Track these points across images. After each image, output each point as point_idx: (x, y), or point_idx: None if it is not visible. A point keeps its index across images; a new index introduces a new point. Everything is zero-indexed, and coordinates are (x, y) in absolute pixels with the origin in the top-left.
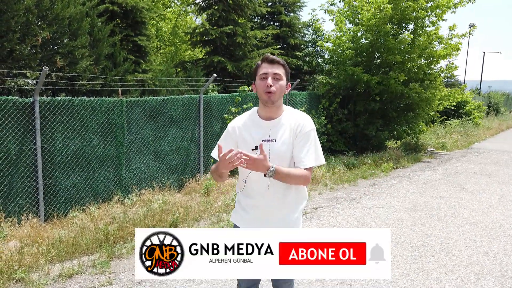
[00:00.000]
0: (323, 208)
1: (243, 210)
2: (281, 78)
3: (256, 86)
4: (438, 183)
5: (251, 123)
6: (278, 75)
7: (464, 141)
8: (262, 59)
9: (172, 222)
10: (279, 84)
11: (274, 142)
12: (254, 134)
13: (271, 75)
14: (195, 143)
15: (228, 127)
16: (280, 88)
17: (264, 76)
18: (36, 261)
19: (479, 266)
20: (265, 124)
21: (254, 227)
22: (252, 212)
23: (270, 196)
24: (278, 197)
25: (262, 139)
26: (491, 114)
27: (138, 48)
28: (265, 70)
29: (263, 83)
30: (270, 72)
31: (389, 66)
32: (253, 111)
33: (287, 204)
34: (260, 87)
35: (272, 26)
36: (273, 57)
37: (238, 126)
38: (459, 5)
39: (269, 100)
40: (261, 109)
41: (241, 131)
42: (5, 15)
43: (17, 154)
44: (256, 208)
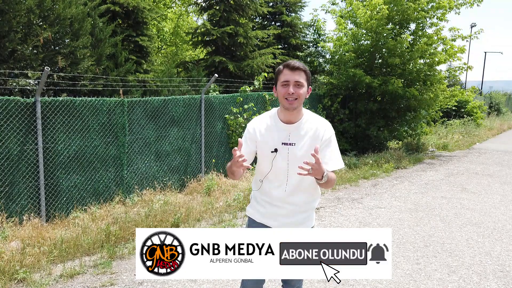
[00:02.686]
0: (325, 209)
1: (259, 204)
2: (302, 85)
3: (277, 91)
4: (440, 183)
5: (271, 125)
6: (300, 82)
7: (465, 141)
8: (284, 64)
9: (174, 222)
10: (301, 91)
11: (293, 146)
12: (274, 136)
13: (293, 83)
14: (196, 144)
15: (249, 128)
16: (301, 95)
17: (285, 83)
18: (38, 261)
19: (482, 266)
20: (285, 127)
21: (269, 221)
22: (268, 208)
23: (288, 199)
24: (295, 200)
25: (281, 142)
26: (492, 114)
27: (140, 48)
28: (287, 77)
29: (285, 90)
30: (292, 80)
31: (390, 67)
32: (273, 113)
33: (304, 207)
34: (281, 93)
35: (273, 26)
36: (295, 64)
37: (259, 128)
38: (462, 5)
39: (291, 107)
40: (281, 112)
41: (261, 133)
42: (6, 15)
43: (18, 154)
44: (273, 206)
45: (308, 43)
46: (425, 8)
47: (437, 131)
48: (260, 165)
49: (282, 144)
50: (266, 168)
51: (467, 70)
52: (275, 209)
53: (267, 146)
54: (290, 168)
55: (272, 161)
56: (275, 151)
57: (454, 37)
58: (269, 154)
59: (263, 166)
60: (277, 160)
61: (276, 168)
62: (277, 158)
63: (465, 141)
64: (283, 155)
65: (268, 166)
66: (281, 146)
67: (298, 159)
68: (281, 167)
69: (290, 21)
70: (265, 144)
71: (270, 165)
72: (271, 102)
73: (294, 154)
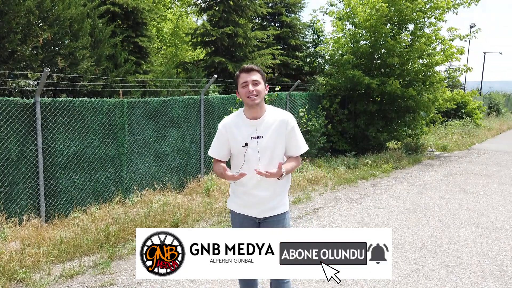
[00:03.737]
0: (324, 209)
1: (237, 196)
2: (259, 82)
3: (239, 93)
4: (439, 183)
5: (239, 123)
6: (256, 81)
7: (464, 141)
8: (240, 70)
9: (173, 222)
10: (259, 88)
11: (261, 138)
12: (244, 132)
13: (251, 82)
14: (196, 144)
15: (220, 127)
16: (260, 91)
17: (244, 84)
18: (37, 262)
19: (479, 267)
20: (251, 123)
21: (248, 210)
22: (245, 198)
23: (261, 185)
24: (268, 186)
25: (250, 136)
26: (491, 115)
27: (139, 49)
28: (244, 78)
29: (245, 90)
30: (249, 80)
31: (389, 68)
32: (239, 113)
33: (277, 192)
34: (243, 94)
35: (273, 27)
36: (249, 66)
37: (229, 126)
38: (460, 5)
39: (253, 103)
40: (247, 110)
41: (232, 130)
42: (6, 16)
43: (18, 154)
44: (249, 195)
45: (307, 43)
46: (423, 8)
47: (436, 131)
48: (234, 159)
49: (251, 138)
50: (239, 162)
51: (467, 72)
52: (251, 198)
53: (238, 142)
54: (261, 159)
55: (244, 155)
56: (245, 145)
57: (452, 37)
58: (240, 148)
59: (236, 160)
60: (248, 153)
61: (249, 160)
62: (248, 151)
63: (464, 142)
64: (253, 148)
65: (241, 159)
66: (251, 140)
67: (267, 149)
68: (253, 159)
69: (289, 21)
70: (235, 141)
71: (243, 158)
72: (270, 102)
73: (262, 145)
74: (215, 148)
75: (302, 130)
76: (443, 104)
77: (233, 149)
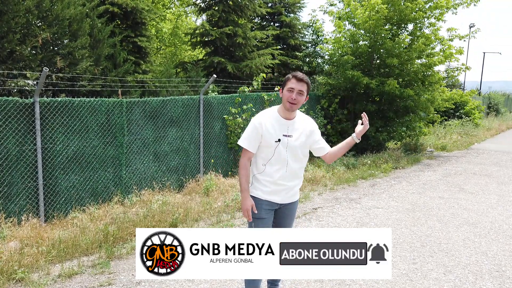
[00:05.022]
0: (323, 209)
1: (262, 184)
2: (303, 94)
3: (283, 94)
4: (438, 183)
5: (273, 120)
6: (302, 92)
7: (464, 141)
8: (293, 74)
9: (172, 222)
10: (301, 98)
11: (291, 137)
12: (277, 129)
13: (297, 91)
14: (195, 144)
15: (255, 122)
16: (300, 101)
17: (291, 89)
18: (36, 262)
19: (478, 266)
20: (285, 122)
21: (273, 196)
22: (272, 186)
23: (288, 176)
24: (293, 177)
25: (283, 134)
26: (491, 115)
27: (138, 49)
28: (293, 85)
29: (289, 94)
30: (296, 88)
31: (388, 68)
32: (274, 110)
33: (298, 182)
34: (286, 97)
35: (272, 27)
36: (302, 76)
37: (264, 122)
38: (459, 5)
39: (291, 109)
40: (282, 110)
41: (266, 126)
42: (5, 16)
43: (17, 154)
44: (276, 184)
45: (307, 43)
46: (423, 8)
47: (435, 131)
48: (263, 152)
49: (283, 136)
50: (269, 155)
51: (465, 71)
52: (277, 187)
53: (272, 137)
54: (288, 155)
55: (275, 149)
56: (278, 141)
57: (451, 37)
58: (273, 143)
59: (266, 153)
60: (279, 148)
61: (278, 155)
62: (279, 146)
63: (464, 142)
64: (284, 144)
65: (271, 153)
66: (282, 137)
67: (294, 148)
68: (282, 154)
69: (289, 21)
70: (270, 135)
71: (273, 152)
72: (269, 102)
73: (291, 144)
74: (247, 139)
75: None
76: (442, 104)
77: (265, 142)
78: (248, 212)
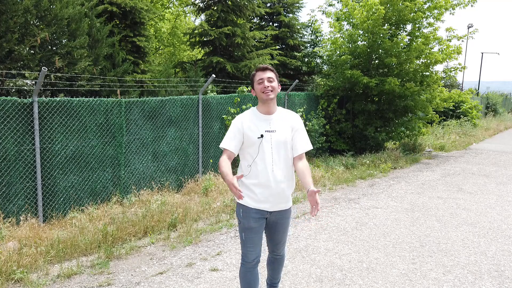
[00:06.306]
0: (322, 209)
1: (250, 191)
2: (273, 80)
3: (255, 90)
4: (436, 183)
5: (254, 118)
6: (271, 78)
7: (462, 141)
8: (256, 69)
9: (171, 222)
10: (273, 84)
11: (275, 132)
12: (258, 126)
13: (266, 79)
14: (194, 144)
15: (237, 122)
16: (274, 87)
17: (260, 81)
18: (35, 262)
19: (477, 266)
20: (265, 117)
21: (263, 204)
22: (260, 192)
23: (276, 176)
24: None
25: (265, 130)
26: (489, 115)
27: (137, 49)
28: (260, 76)
29: (261, 86)
30: (265, 77)
31: (387, 68)
32: (253, 110)
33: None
34: (258, 90)
35: (271, 27)
36: (264, 66)
37: (245, 120)
38: (457, 6)
39: (268, 97)
40: (261, 107)
41: (247, 124)
42: (4, 16)
43: (15, 154)
44: (263, 187)
45: (305, 43)
46: (421, 8)
47: (434, 131)
48: (247, 153)
49: (265, 132)
50: (253, 154)
51: (462, 70)
52: (266, 190)
53: (254, 134)
54: (274, 152)
55: (259, 147)
56: (261, 136)
57: (449, 37)
58: (256, 140)
59: (251, 153)
60: (263, 145)
61: (263, 153)
62: (263, 143)
63: (462, 142)
64: (267, 140)
65: (256, 151)
66: (265, 133)
67: (279, 142)
68: (267, 151)
69: (287, 21)
70: (251, 133)
71: (257, 150)
72: None
73: (276, 139)
74: (226, 139)
75: None
76: (440, 104)
77: (248, 141)
78: (235, 186)
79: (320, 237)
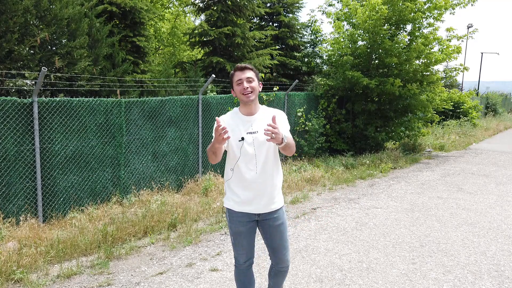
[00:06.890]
0: (322, 209)
1: (234, 194)
2: (253, 80)
3: (234, 91)
4: (436, 183)
5: (236, 119)
6: (251, 78)
7: (462, 141)
8: (234, 68)
9: (171, 223)
10: (253, 85)
11: (257, 133)
12: (240, 128)
13: (245, 80)
14: (193, 144)
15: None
16: (254, 87)
17: (239, 81)
18: (35, 262)
19: (477, 266)
20: (247, 119)
21: (247, 207)
22: (242, 193)
23: (259, 178)
24: (266, 178)
25: (246, 132)
26: (489, 115)
27: (137, 49)
28: (239, 76)
29: (240, 87)
30: (244, 77)
31: (387, 68)
32: (235, 110)
33: (273, 183)
34: (238, 91)
35: (271, 27)
36: (243, 65)
37: (228, 120)
38: (457, 5)
39: (248, 99)
40: (242, 107)
41: (230, 124)
42: (3, 16)
43: (15, 154)
44: (247, 190)
45: (305, 43)
46: (422, 8)
47: (434, 131)
48: (229, 155)
49: (247, 134)
50: (235, 157)
51: (463, 71)
52: (249, 192)
53: (235, 137)
54: (257, 153)
55: (241, 149)
56: (242, 139)
57: (449, 37)
58: (237, 143)
59: (232, 155)
60: (244, 147)
61: (245, 155)
62: (245, 146)
63: (462, 142)
64: (249, 143)
65: (237, 154)
66: (246, 135)
67: (261, 144)
68: (249, 153)
69: (287, 21)
70: (232, 135)
71: (239, 152)
72: (268, 102)
73: (258, 140)
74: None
75: (300, 130)
76: (440, 104)
77: (229, 144)
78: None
79: (320, 237)
